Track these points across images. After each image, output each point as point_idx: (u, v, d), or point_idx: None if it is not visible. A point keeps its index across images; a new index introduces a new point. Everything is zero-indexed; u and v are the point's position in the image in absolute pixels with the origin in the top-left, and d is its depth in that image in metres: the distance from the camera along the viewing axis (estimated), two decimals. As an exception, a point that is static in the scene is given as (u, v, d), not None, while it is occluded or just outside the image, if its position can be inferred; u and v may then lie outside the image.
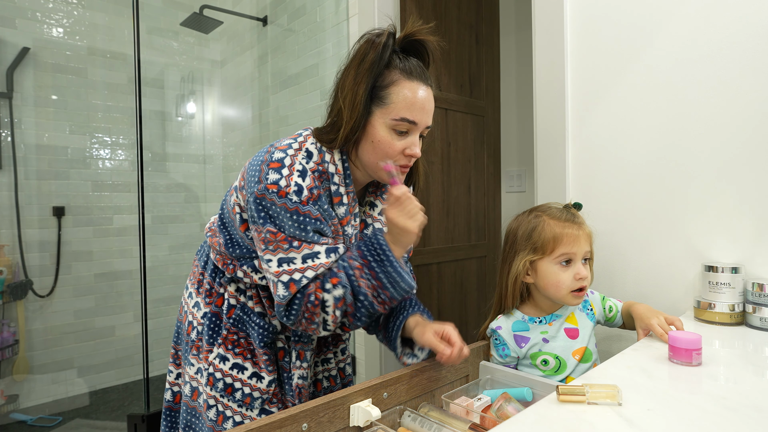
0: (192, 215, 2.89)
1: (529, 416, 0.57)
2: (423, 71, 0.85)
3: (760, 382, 0.65)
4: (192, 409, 0.97)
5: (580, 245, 0.93)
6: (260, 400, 0.92)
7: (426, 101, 0.84)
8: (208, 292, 0.98)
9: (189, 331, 0.99)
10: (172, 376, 1.05)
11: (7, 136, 2.21)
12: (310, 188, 0.80)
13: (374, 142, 0.83)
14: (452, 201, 2.16)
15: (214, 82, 3.04)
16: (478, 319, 2.32)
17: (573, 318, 0.99)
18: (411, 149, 0.85)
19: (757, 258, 0.98)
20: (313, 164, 0.83)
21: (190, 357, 0.98)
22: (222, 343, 0.94)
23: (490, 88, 2.37)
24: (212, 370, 0.93)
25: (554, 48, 1.31)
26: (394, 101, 0.82)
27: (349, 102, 0.82)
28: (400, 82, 0.82)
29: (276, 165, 0.79)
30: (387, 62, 0.82)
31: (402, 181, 0.87)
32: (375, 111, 0.83)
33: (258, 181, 0.79)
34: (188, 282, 1.06)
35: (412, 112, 0.82)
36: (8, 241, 2.20)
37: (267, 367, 0.92)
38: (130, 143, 2.59)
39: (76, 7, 2.43)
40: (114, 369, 2.53)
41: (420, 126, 0.84)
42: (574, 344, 0.96)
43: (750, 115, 0.99)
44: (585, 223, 0.98)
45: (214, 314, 0.96)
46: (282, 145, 0.83)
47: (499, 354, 0.98)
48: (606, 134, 1.23)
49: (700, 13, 1.05)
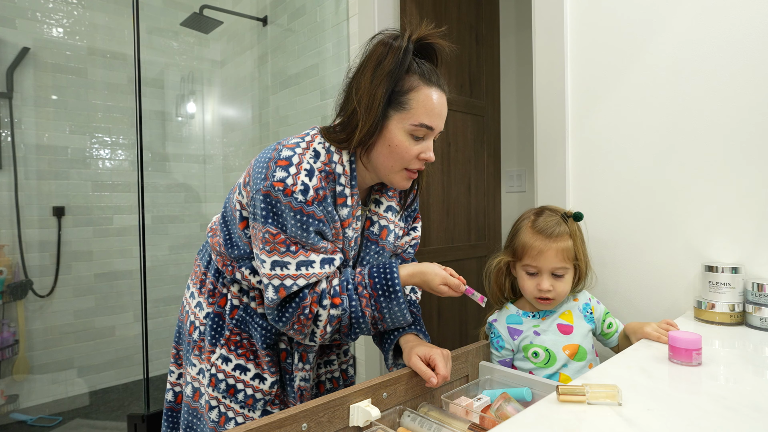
0: (192, 215, 2.89)
1: (529, 416, 0.57)
2: (439, 76, 0.86)
3: (760, 382, 0.65)
4: (193, 410, 0.96)
5: (544, 260, 0.94)
6: (263, 401, 0.92)
7: (443, 107, 0.85)
8: (211, 292, 0.98)
9: (191, 331, 0.99)
10: (174, 376, 1.05)
11: (7, 136, 2.21)
12: (316, 188, 0.79)
13: (391, 146, 0.84)
14: (452, 201, 2.16)
15: (214, 82, 3.04)
16: (478, 319, 2.32)
17: (569, 315, 1.00)
18: (426, 154, 0.85)
19: (757, 258, 0.98)
20: (320, 164, 0.82)
21: (191, 357, 0.97)
22: (225, 344, 0.93)
23: (490, 88, 2.37)
24: (214, 371, 0.92)
25: (554, 48, 1.31)
26: (414, 107, 0.82)
27: (366, 105, 0.81)
28: (420, 88, 0.82)
29: (284, 163, 0.78)
30: (407, 67, 0.82)
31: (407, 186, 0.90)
32: (393, 115, 0.83)
33: (264, 178, 0.78)
34: (190, 282, 1.05)
35: (431, 118, 0.83)
36: (8, 241, 2.20)
37: (269, 369, 0.92)
38: (130, 143, 2.58)
39: (76, 7, 2.43)
40: (114, 369, 2.52)
41: (436, 131, 0.86)
42: (565, 339, 0.97)
43: (750, 114, 0.99)
44: (565, 237, 0.95)
45: (217, 314, 0.96)
46: (290, 144, 0.83)
47: (494, 347, 1.01)
48: (606, 134, 1.23)
49: (700, 13, 1.05)
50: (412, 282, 0.88)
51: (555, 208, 1.02)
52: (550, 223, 0.96)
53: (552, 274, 0.95)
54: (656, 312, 1.15)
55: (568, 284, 0.96)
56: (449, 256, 2.15)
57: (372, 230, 0.95)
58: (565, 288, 0.96)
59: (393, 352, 0.96)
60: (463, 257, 2.22)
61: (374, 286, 0.83)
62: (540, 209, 1.02)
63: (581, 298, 1.03)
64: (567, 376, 0.95)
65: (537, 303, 0.98)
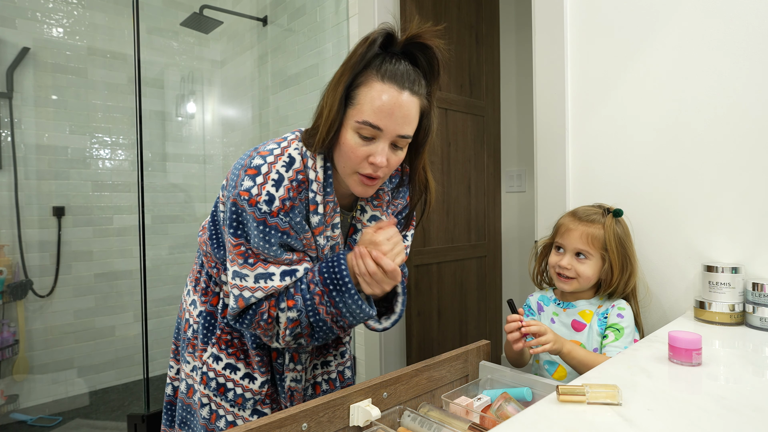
0: (192, 215, 2.89)
1: (529, 416, 0.57)
2: (407, 77, 0.76)
3: (760, 382, 0.65)
4: (187, 406, 0.97)
5: (570, 238, 1.02)
6: (252, 401, 0.92)
7: (396, 107, 0.75)
8: (204, 290, 0.98)
9: (186, 329, 1.00)
10: (173, 371, 1.06)
11: (7, 136, 2.21)
12: (282, 199, 0.76)
13: (342, 146, 0.78)
14: (452, 201, 2.16)
15: (214, 82, 3.04)
16: (478, 319, 2.32)
17: (588, 315, 1.03)
18: (374, 157, 0.76)
19: (757, 258, 0.98)
20: (292, 172, 0.79)
21: (186, 354, 0.98)
22: (216, 342, 0.94)
23: (490, 88, 2.37)
24: (206, 369, 0.93)
25: (554, 48, 1.31)
26: (360, 102, 0.75)
27: (329, 102, 0.77)
28: (370, 83, 0.75)
29: (252, 172, 0.77)
30: (368, 62, 0.76)
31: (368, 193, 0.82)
32: (348, 112, 0.77)
33: (234, 186, 0.77)
34: (188, 279, 1.06)
35: (378, 117, 0.74)
36: (8, 241, 2.20)
37: (260, 368, 0.92)
38: (130, 143, 2.58)
39: (76, 7, 2.43)
40: (114, 369, 2.52)
41: (387, 133, 0.76)
42: (573, 335, 1.02)
43: (750, 114, 0.99)
44: (597, 225, 1.01)
45: (209, 313, 0.96)
46: (264, 151, 0.80)
47: (525, 315, 1.12)
48: (606, 134, 1.23)
49: (700, 13, 1.05)
50: None
51: (602, 204, 1.10)
52: (588, 211, 1.05)
53: (576, 254, 1.01)
54: (656, 312, 1.15)
55: (590, 269, 1.00)
56: (449, 256, 2.15)
57: (354, 238, 0.92)
58: (585, 271, 1.00)
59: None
60: (463, 257, 2.22)
61: (324, 282, 0.79)
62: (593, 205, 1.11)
63: (606, 305, 1.02)
64: (564, 369, 1.00)
65: (557, 280, 1.04)
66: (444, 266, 2.14)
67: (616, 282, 1.00)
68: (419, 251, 2.01)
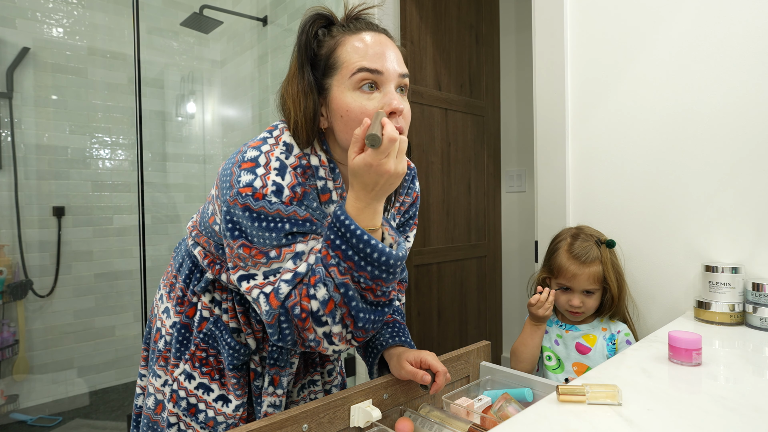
0: (192, 215, 2.89)
1: (529, 416, 0.57)
2: (371, 23, 0.73)
3: (760, 382, 0.65)
4: (154, 423, 0.88)
5: (577, 282, 1.06)
6: (224, 425, 0.83)
7: (381, 45, 0.70)
8: (180, 299, 0.88)
9: (156, 339, 0.90)
10: (144, 380, 0.96)
11: (7, 136, 2.21)
12: (291, 186, 0.68)
13: (344, 115, 0.70)
14: (452, 201, 2.17)
15: (214, 82, 3.04)
16: (478, 319, 2.32)
17: (591, 339, 1.07)
18: (390, 104, 0.68)
19: (757, 258, 0.98)
20: (293, 159, 0.71)
21: (156, 367, 0.89)
22: (189, 359, 0.84)
23: (490, 88, 2.37)
24: (176, 386, 0.84)
25: (554, 48, 1.31)
26: (345, 59, 0.69)
27: (292, 90, 0.73)
28: (343, 40, 0.71)
29: (249, 165, 0.68)
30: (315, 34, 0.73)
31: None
32: (330, 84, 0.71)
33: (230, 187, 0.67)
34: (162, 282, 0.96)
35: (370, 60, 0.68)
36: (8, 241, 2.20)
37: (235, 391, 0.83)
38: (130, 143, 2.58)
39: (76, 7, 2.43)
40: (114, 369, 2.52)
41: (388, 75, 0.69)
42: (578, 357, 1.07)
43: (751, 115, 0.99)
44: (597, 263, 1.05)
45: (184, 326, 0.86)
46: (255, 142, 0.72)
47: None
48: (606, 134, 1.23)
49: (701, 14, 1.05)
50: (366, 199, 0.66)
51: (590, 232, 1.11)
52: (585, 249, 1.07)
53: (583, 292, 1.07)
54: (656, 312, 1.15)
55: (596, 300, 1.08)
56: (449, 256, 2.15)
57: None
58: (593, 304, 1.08)
59: (378, 366, 0.88)
60: (463, 257, 2.22)
61: (333, 245, 0.66)
62: (576, 232, 1.12)
63: (612, 328, 1.09)
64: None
65: (568, 314, 1.11)
66: (444, 266, 2.14)
67: (617, 305, 1.08)
68: (419, 251, 2.01)
